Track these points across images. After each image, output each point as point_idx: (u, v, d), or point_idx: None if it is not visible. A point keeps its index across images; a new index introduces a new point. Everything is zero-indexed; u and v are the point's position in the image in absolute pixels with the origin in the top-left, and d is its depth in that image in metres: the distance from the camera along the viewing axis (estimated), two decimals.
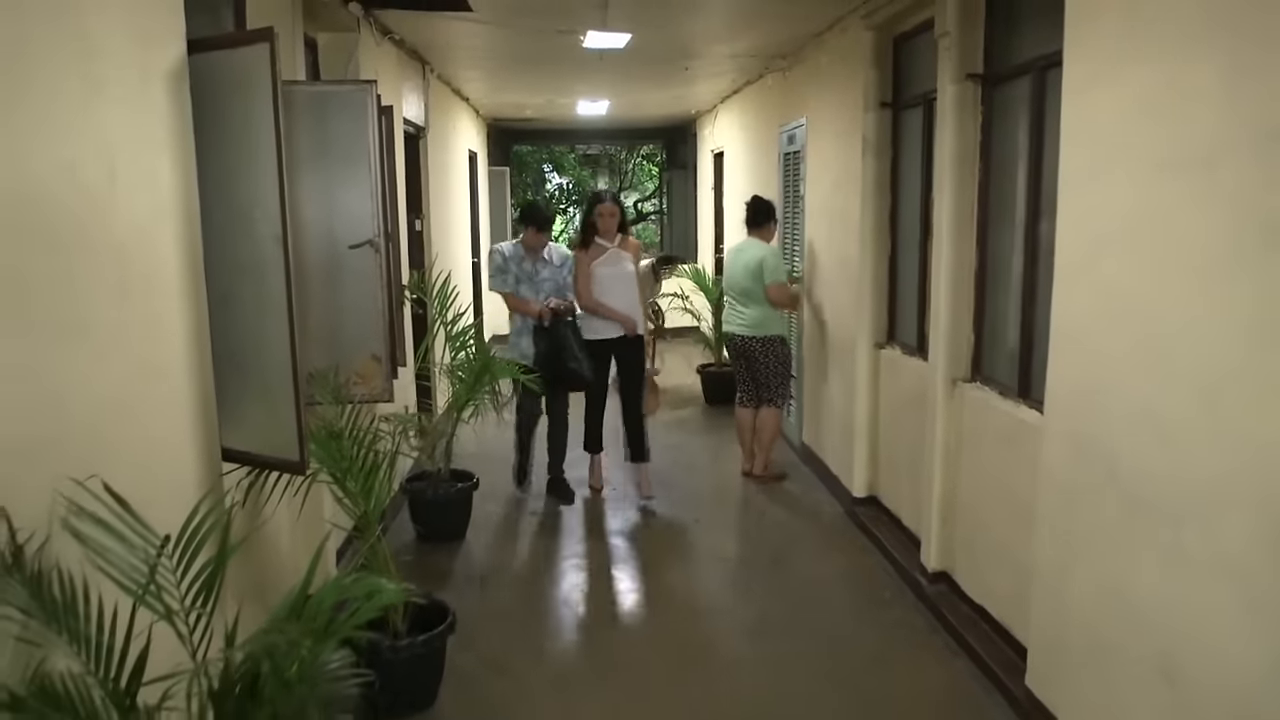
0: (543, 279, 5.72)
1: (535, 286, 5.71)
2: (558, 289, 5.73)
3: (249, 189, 2.82)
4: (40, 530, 1.90)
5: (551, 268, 5.76)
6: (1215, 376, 2.32)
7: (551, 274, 5.75)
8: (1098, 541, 2.87)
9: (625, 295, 5.76)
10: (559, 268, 5.77)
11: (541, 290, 5.70)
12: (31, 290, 1.95)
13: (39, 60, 2.00)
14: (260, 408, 2.95)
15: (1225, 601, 2.31)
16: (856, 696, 3.62)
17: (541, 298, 5.67)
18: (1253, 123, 2.19)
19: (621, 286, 5.75)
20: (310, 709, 1.83)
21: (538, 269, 5.73)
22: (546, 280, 5.72)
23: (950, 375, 4.20)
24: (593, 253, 5.77)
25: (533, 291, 5.69)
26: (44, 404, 1.98)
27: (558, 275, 5.77)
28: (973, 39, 4.02)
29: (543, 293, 5.69)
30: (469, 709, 3.53)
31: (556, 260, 5.79)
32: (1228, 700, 2.30)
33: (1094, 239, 2.88)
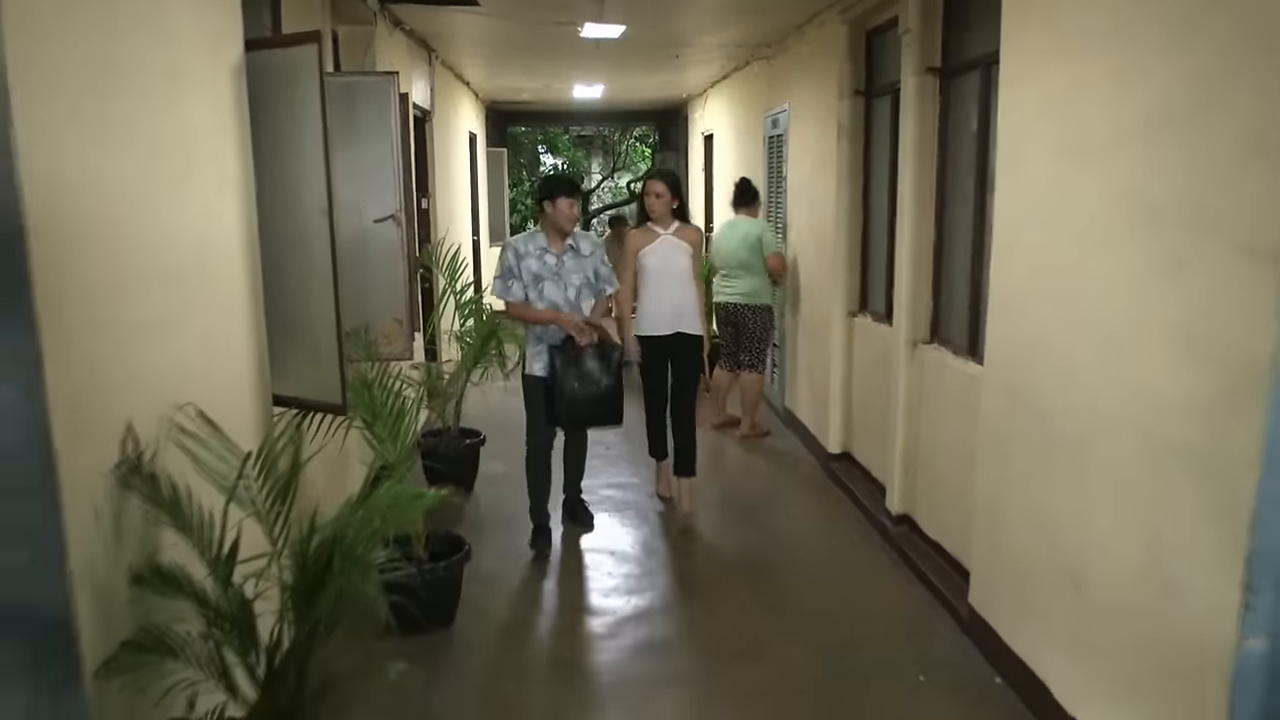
0: (569, 272, 4.60)
1: (561, 282, 4.59)
2: (588, 285, 4.67)
3: (296, 170, 3.27)
4: (151, 445, 2.37)
5: (579, 257, 4.65)
6: (1109, 328, 2.80)
7: (579, 265, 4.64)
8: (1023, 474, 3.36)
9: (674, 292, 5.02)
10: (588, 257, 4.68)
11: (569, 287, 4.59)
12: (136, 248, 2.41)
13: (135, 59, 2.44)
14: (305, 360, 3.41)
15: (1114, 514, 2.79)
16: (826, 619, 4.11)
17: (571, 295, 4.59)
18: (1137, 117, 2.66)
19: (671, 281, 5.01)
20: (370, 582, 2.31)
21: (563, 260, 4.59)
22: (574, 273, 4.61)
23: (911, 338, 4.68)
24: (642, 237, 5.04)
25: (559, 290, 4.58)
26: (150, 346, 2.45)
27: (586, 267, 4.66)
28: (932, 36, 4.48)
29: (571, 289, 4.60)
30: (481, 628, 4.01)
31: (585, 249, 4.69)
32: (1116, 595, 2.79)
33: (1021, 214, 3.36)
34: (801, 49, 6.53)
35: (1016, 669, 3.41)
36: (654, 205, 4.98)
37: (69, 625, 2.04)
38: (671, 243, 5.02)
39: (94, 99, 2.19)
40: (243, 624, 2.35)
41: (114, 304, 2.26)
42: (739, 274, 6.48)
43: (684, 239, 5.04)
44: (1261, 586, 2.23)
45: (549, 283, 4.57)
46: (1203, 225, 2.37)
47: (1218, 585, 2.31)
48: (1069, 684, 3.09)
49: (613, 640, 3.93)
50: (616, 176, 20.95)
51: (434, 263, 5.68)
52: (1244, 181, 2.22)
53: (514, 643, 3.93)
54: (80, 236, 2.10)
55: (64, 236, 2.02)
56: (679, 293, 5.04)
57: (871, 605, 4.25)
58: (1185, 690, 2.47)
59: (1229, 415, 2.28)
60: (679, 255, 5.01)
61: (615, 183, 21.11)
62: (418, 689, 3.48)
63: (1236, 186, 2.25)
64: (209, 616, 2.32)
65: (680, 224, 5.07)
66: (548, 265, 4.57)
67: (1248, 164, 2.20)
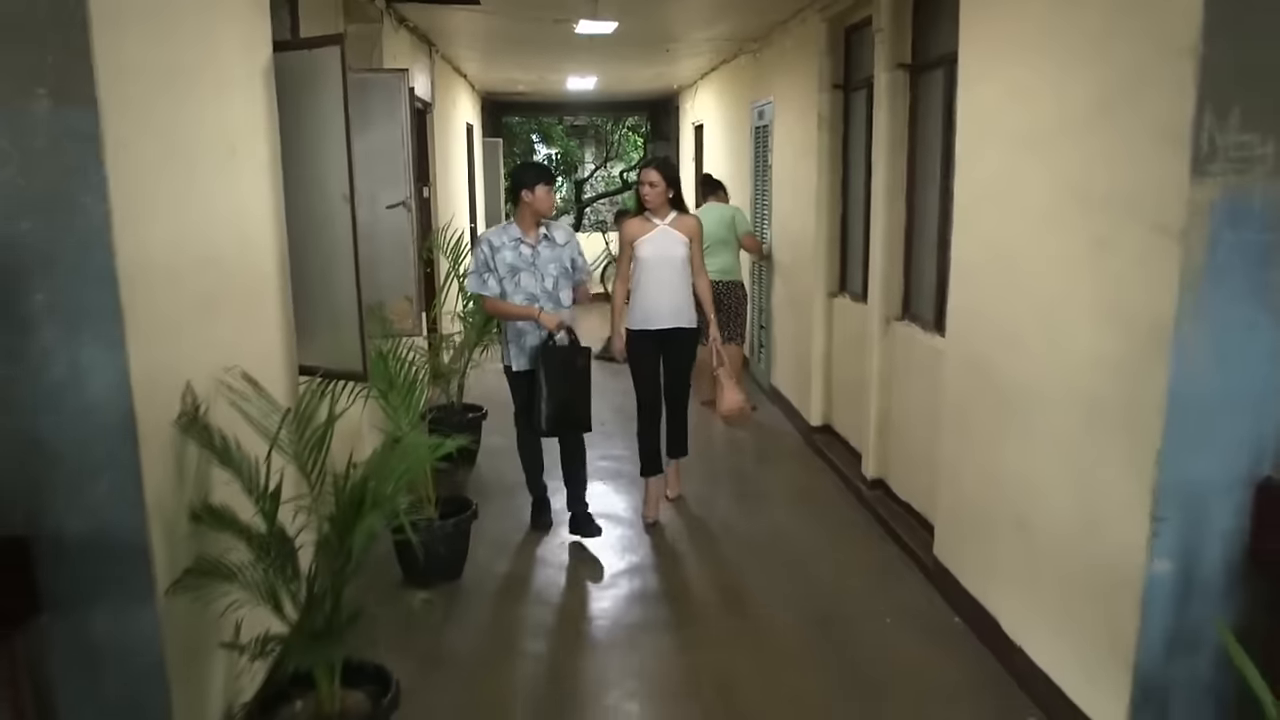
0: (545, 262, 4.54)
1: (537, 273, 4.52)
2: (565, 274, 4.60)
3: (320, 160, 3.60)
4: (205, 401, 2.71)
5: (554, 246, 4.57)
6: (1048, 300, 3.16)
7: (555, 255, 4.56)
8: (979, 434, 3.72)
9: (670, 285, 4.83)
10: (564, 246, 4.60)
11: (546, 277, 4.53)
12: (191, 235, 2.75)
13: (189, 64, 2.78)
14: (328, 332, 3.75)
15: (1053, 464, 3.15)
16: (805, 574, 4.47)
17: (549, 285, 4.54)
18: (1069, 114, 3.01)
19: (666, 273, 4.80)
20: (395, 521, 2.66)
21: (538, 250, 4.52)
22: (550, 263, 4.55)
23: (884, 315, 5.04)
24: (638, 227, 4.85)
25: (535, 280, 4.51)
26: (200, 319, 2.79)
27: (563, 256, 4.59)
28: (902, 34, 4.82)
29: (548, 279, 4.54)
30: (487, 581, 4.36)
31: (560, 238, 4.61)
32: (1052, 536, 3.16)
33: (976, 198, 3.71)
34: (785, 44, 6.87)
35: (972, 609, 3.78)
36: (649, 195, 4.76)
37: (145, 550, 2.41)
38: (668, 233, 4.80)
39: (160, 103, 2.53)
40: (285, 555, 2.70)
41: (173, 284, 2.59)
42: (714, 251, 6.84)
43: (680, 229, 4.82)
44: (1167, 515, 2.60)
45: (525, 273, 4.49)
46: (1123, 208, 2.72)
47: (1132, 518, 2.67)
48: (1015, 618, 3.46)
49: (608, 591, 4.28)
50: (610, 165, 21.24)
51: (439, 247, 6.00)
52: (1155, 171, 2.57)
53: (517, 593, 4.28)
54: (149, 227, 2.44)
55: (139, 231, 2.36)
56: (675, 285, 4.84)
57: (846, 561, 4.61)
58: (1106, 612, 2.83)
59: (1141, 371, 2.64)
60: (675, 246, 4.80)
61: (608, 172, 21.39)
62: (433, 628, 3.84)
63: (1149, 175, 2.60)
64: (256, 549, 2.67)
65: (677, 214, 4.84)
66: (523, 256, 4.49)
67: (1157, 156, 2.56)
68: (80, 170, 2.17)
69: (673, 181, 4.83)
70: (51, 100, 2.14)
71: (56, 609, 2.37)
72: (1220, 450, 2.59)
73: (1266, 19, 2.38)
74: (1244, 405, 2.57)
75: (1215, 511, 2.61)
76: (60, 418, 2.28)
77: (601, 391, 5.26)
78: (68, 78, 2.14)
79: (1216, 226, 2.45)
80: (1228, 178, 2.43)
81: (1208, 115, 2.40)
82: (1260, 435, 2.59)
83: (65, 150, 2.16)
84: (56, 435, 2.29)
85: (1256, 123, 2.42)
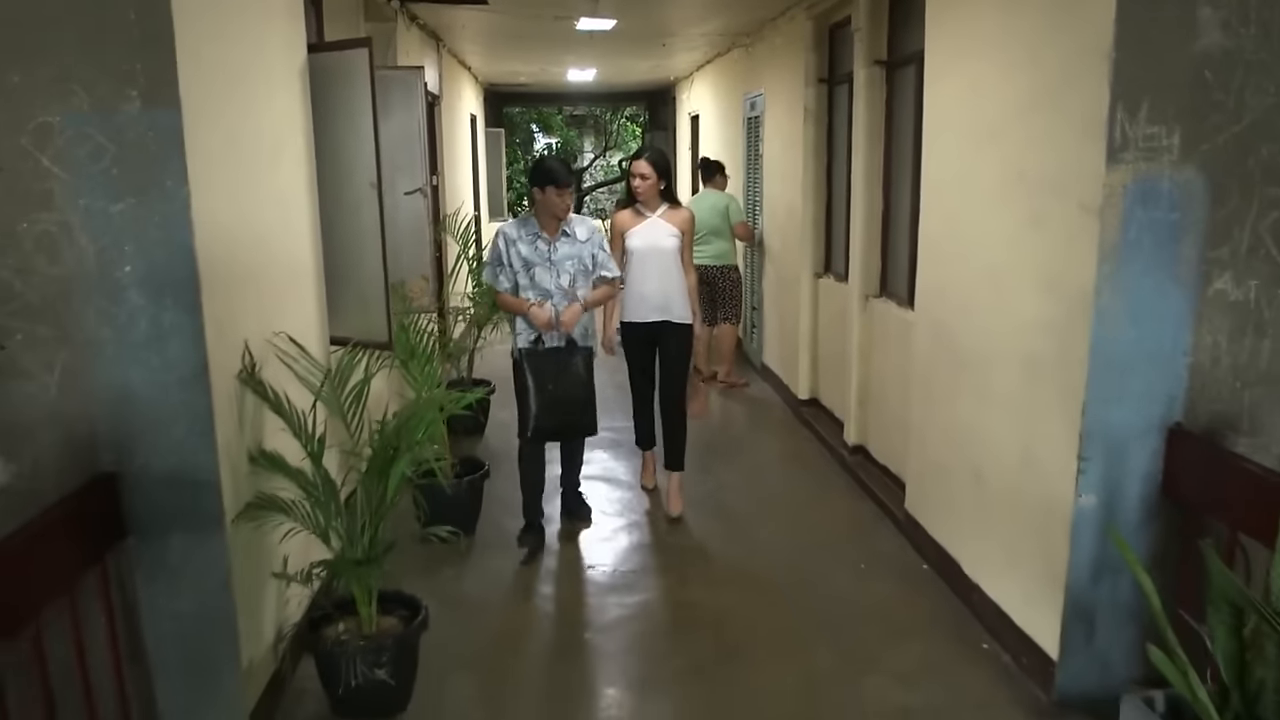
0: (561, 258, 4.37)
1: (553, 269, 4.37)
2: (584, 272, 4.43)
3: (349, 150, 4.00)
4: (260, 360, 3.12)
5: (574, 243, 4.40)
6: (996, 271, 3.57)
7: (574, 251, 4.40)
8: (942, 395, 4.14)
9: (660, 277, 4.76)
10: (584, 243, 4.42)
11: (562, 274, 4.38)
12: (247, 218, 3.15)
13: (242, 67, 3.18)
14: (356, 306, 4.16)
15: (1003, 417, 3.57)
16: (789, 528, 4.90)
17: (564, 282, 4.37)
18: (1016, 106, 3.42)
19: (656, 266, 4.75)
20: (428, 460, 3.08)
21: (555, 245, 4.37)
22: (568, 259, 4.38)
23: (863, 293, 5.46)
24: (629, 219, 4.84)
25: (550, 276, 4.36)
26: (251, 291, 3.21)
27: (583, 253, 4.42)
28: (879, 33, 5.23)
29: (565, 276, 4.38)
30: (497, 535, 4.77)
31: (582, 234, 4.43)
32: (1002, 482, 3.58)
33: (939, 183, 4.12)
34: (775, 40, 7.27)
35: (938, 554, 4.20)
36: (640, 187, 4.74)
37: (215, 485, 2.83)
38: (658, 225, 4.77)
39: (223, 103, 2.93)
40: (330, 494, 3.12)
41: (233, 258, 3.00)
42: (709, 239, 7.25)
43: (672, 222, 4.79)
44: (1091, 456, 3.01)
45: (540, 269, 4.35)
46: (1054, 190, 3.14)
47: (1063, 461, 3.09)
48: (973, 559, 3.88)
49: (609, 544, 4.71)
50: (608, 155, 21.63)
51: (451, 232, 6.40)
52: (1078, 158, 2.98)
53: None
54: (216, 209, 2.85)
55: (209, 212, 2.77)
56: (666, 278, 4.77)
57: (827, 517, 5.04)
58: (1043, 545, 3.25)
59: (1070, 331, 3.05)
60: (666, 238, 4.75)
61: (607, 161, 21.79)
62: (451, 573, 4.27)
63: (1074, 161, 3.01)
64: (305, 488, 3.09)
65: (668, 206, 4.83)
66: (539, 251, 4.37)
67: (1080, 145, 2.96)
68: (164, 160, 2.58)
69: (665, 173, 4.81)
70: (141, 102, 2.54)
71: (140, 534, 2.79)
72: (1136, 401, 3.00)
73: (1169, 30, 2.78)
74: (1156, 362, 2.98)
75: (1133, 453, 3.03)
76: (145, 371, 2.69)
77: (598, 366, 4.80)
78: (155, 83, 2.54)
79: (1130, 206, 2.86)
80: (1138, 164, 2.84)
81: (1120, 111, 2.80)
82: (1170, 388, 3.00)
83: (152, 143, 2.57)
84: (142, 386, 2.69)
85: (1162, 117, 2.82)
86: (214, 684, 2.92)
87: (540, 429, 4.41)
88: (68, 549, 2.54)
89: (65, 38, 2.50)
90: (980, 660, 3.55)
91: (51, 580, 2.44)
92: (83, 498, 2.63)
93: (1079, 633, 3.16)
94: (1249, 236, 2.92)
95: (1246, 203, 2.90)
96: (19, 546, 2.30)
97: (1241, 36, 2.80)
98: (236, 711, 2.95)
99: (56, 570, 2.47)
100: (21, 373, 2.64)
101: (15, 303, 2.60)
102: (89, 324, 2.64)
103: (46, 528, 2.44)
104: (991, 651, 3.59)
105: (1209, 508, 2.92)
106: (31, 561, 2.34)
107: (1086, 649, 3.16)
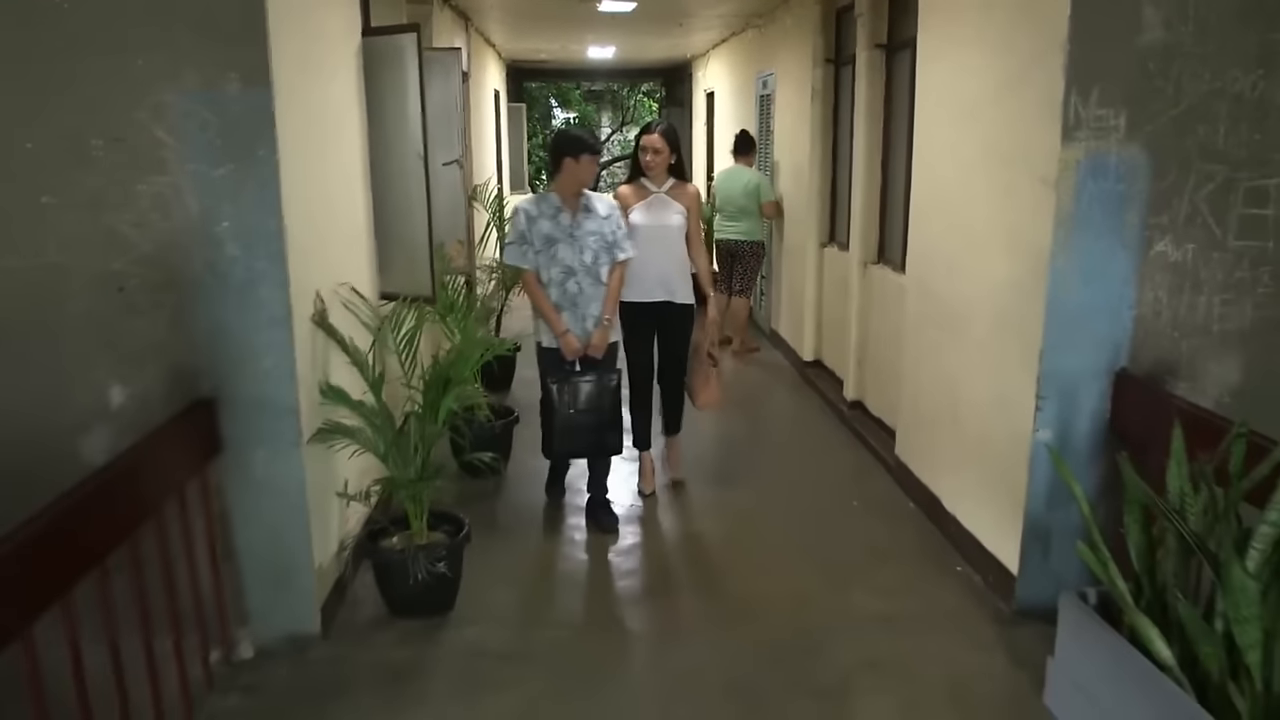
0: (586, 234, 4.29)
1: (576, 245, 4.28)
2: (606, 249, 4.33)
3: (397, 124, 4.47)
4: (329, 305, 3.61)
5: (596, 219, 4.32)
6: (973, 235, 4.02)
7: (596, 227, 4.31)
8: (928, 348, 4.60)
9: (663, 255, 4.58)
10: (606, 219, 4.34)
11: (585, 250, 4.29)
12: (322, 182, 3.64)
13: (317, 54, 3.65)
14: (403, 264, 4.64)
15: (978, 365, 4.04)
16: (790, 473, 5.39)
17: (587, 259, 4.29)
18: (991, 89, 3.86)
19: (660, 243, 4.56)
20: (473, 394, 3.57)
21: (578, 221, 4.28)
22: (591, 235, 4.29)
23: (863, 260, 5.91)
24: (634, 194, 4.65)
25: (573, 253, 4.27)
26: (320, 246, 3.69)
27: (605, 229, 4.32)
28: (880, 18, 5.65)
29: (588, 252, 4.29)
30: (527, 475, 5.27)
31: (602, 210, 4.35)
32: (976, 422, 4.05)
33: (928, 157, 4.56)
34: (786, 21, 7.68)
35: (922, 494, 4.68)
36: (652, 162, 4.57)
37: (295, 411, 3.33)
38: (664, 201, 4.59)
39: (301, 83, 3.41)
40: (387, 422, 3.62)
41: (308, 217, 3.47)
42: (739, 217, 7.70)
43: (679, 199, 4.61)
44: (1048, 395, 3.48)
45: (562, 245, 4.27)
46: (1020, 164, 3.58)
47: (1024, 401, 3.56)
48: (952, 494, 4.36)
49: (628, 482, 5.20)
50: (625, 130, 22.01)
51: (481, 201, 6.88)
52: (1039, 135, 3.42)
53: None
54: (296, 174, 3.33)
55: (292, 176, 3.25)
56: (668, 257, 4.59)
57: (825, 465, 5.52)
58: (1007, 476, 3.72)
59: (1031, 288, 3.51)
60: (671, 215, 4.57)
61: (624, 136, 22.16)
62: (485, 505, 4.79)
63: (1036, 139, 3.45)
64: (366, 417, 3.59)
65: (675, 181, 4.64)
66: (561, 226, 4.27)
67: (1041, 124, 3.40)
68: (259, 132, 3.06)
69: (676, 148, 4.63)
70: (241, 84, 3.02)
71: (233, 451, 3.29)
72: (1087, 348, 3.45)
73: (1117, 25, 3.21)
74: (1105, 314, 3.43)
75: (1083, 394, 3.49)
76: (240, 313, 3.19)
77: None
78: (252, 68, 3.02)
79: (1082, 179, 3.31)
80: (1090, 142, 3.28)
81: (1074, 95, 3.25)
82: (1117, 337, 3.45)
83: (249, 118, 3.05)
84: (236, 325, 3.19)
85: (1111, 101, 3.26)
86: (291, 582, 3.44)
87: (562, 451, 4.44)
88: (174, 461, 3.05)
89: (179, 29, 2.99)
90: (953, 580, 4.04)
91: (163, 487, 2.95)
92: (186, 419, 3.14)
93: (1036, 552, 3.64)
94: (1186, 206, 3.36)
95: (1184, 176, 3.33)
96: (137, 458, 2.79)
97: (1180, 32, 3.23)
98: (309, 607, 3.48)
99: (166, 478, 2.97)
100: (137, 312, 3.15)
101: (133, 252, 3.10)
102: (193, 271, 3.14)
103: (157, 443, 2.94)
104: (964, 573, 4.08)
105: (1149, 440, 3.38)
106: (147, 470, 2.84)
107: (1043, 566, 3.63)
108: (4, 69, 2.96)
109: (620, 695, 3.27)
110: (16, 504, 2.26)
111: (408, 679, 3.31)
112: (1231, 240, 3.39)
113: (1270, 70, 3.27)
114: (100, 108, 3.00)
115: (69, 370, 3.16)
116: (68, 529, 2.36)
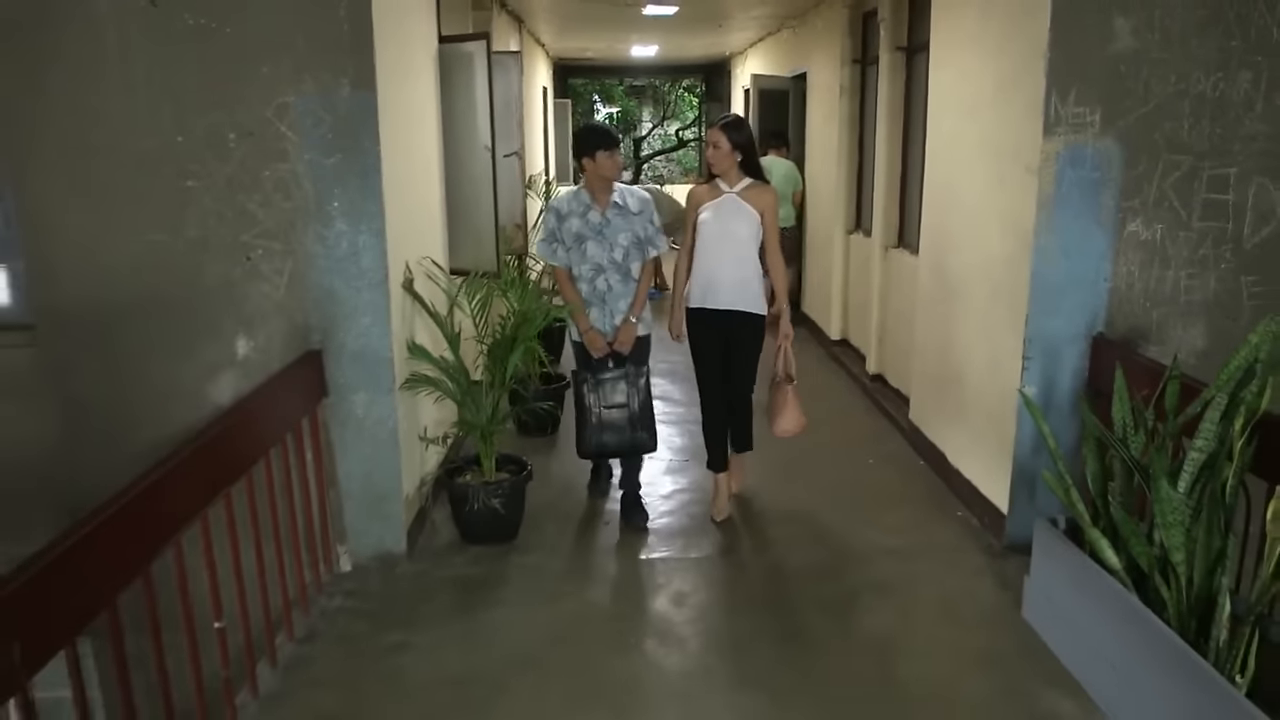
0: (614, 231, 4.27)
1: (605, 242, 4.27)
2: (637, 245, 4.30)
3: (468, 120, 5.09)
4: (415, 275, 4.24)
5: (626, 215, 4.28)
6: (973, 217, 4.56)
7: (626, 224, 4.28)
8: (937, 319, 5.14)
9: (729, 260, 4.28)
10: (637, 215, 4.29)
11: (615, 247, 4.27)
12: (410, 168, 4.26)
13: (408, 60, 4.27)
14: (471, 243, 5.26)
15: (977, 332, 4.57)
16: (814, 435, 5.91)
17: (618, 256, 4.27)
18: (992, 89, 4.39)
19: (729, 248, 4.27)
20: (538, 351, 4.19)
21: (608, 218, 4.26)
22: (621, 232, 4.27)
23: (884, 244, 6.45)
24: (704, 194, 4.36)
25: (603, 250, 4.27)
26: (408, 222, 4.32)
27: (636, 226, 4.29)
28: (900, 22, 6.18)
29: (618, 249, 4.27)
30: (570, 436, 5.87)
31: (634, 206, 4.30)
32: (976, 382, 4.58)
33: (939, 151, 5.10)
34: (818, 23, 8.21)
35: (931, 451, 5.22)
36: (712, 158, 4.28)
37: (390, 361, 3.94)
38: (734, 203, 4.27)
39: (396, 85, 4.03)
40: (464, 374, 4.24)
41: (399, 200, 4.09)
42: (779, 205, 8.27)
43: (752, 202, 4.27)
44: (1033, 355, 4.01)
45: (592, 242, 4.26)
46: (1010, 156, 4.11)
47: (1013, 361, 4.09)
48: (955, 448, 4.90)
49: (663, 445, 5.79)
50: (666, 124, 22.57)
51: (534, 190, 7.49)
52: (1025, 131, 3.95)
53: None
54: (391, 163, 3.95)
55: (388, 165, 3.87)
56: (738, 262, 4.29)
57: (846, 429, 6.08)
58: (998, 428, 4.26)
59: (1019, 263, 4.04)
60: (741, 219, 4.25)
61: (665, 130, 22.73)
62: (540, 460, 5.40)
63: (1023, 133, 3.98)
64: (446, 370, 4.21)
65: (751, 182, 4.31)
66: (590, 224, 4.25)
67: (1027, 121, 3.93)
68: (364, 127, 3.69)
69: (740, 145, 4.26)
70: (350, 87, 3.65)
71: (337, 395, 3.93)
72: (1068, 315, 3.98)
73: (1091, 35, 3.74)
74: (1083, 286, 3.95)
75: (1064, 355, 4.02)
76: (345, 278, 3.82)
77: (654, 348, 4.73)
78: (360, 73, 3.64)
79: (1061, 168, 3.83)
80: (1068, 136, 3.81)
81: (1054, 96, 3.77)
82: (1094, 306, 3.97)
83: (357, 115, 3.68)
84: (342, 288, 3.82)
85: (1086, 101, 3.78)
86: (383, 508, 4.07)
87: (595, 448, 4.43)
88: (289, 402, 3.68)
89: (299, 41, 3.62)
90: (953, 522, 4.58)
91: (280, 424, 3.57)
92: (298, 367, 3.77)
93: (1023, 493, 4.17)
94: (1155, 191, 3.87)
95: (1153, 165, 3.85)
96: (260, 399, 3.42)
97: (1148, 40, 3.75)
98: (398, 531, 4.11)
99: (283, 417, 3.60)
100: (260, 277, 3.79)
101: (258, 228, 3.74)
102: (308, 243, 3.78)
103: (276, 387, 3.57)
104: (964, 517, 4.62)
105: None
106: (267, 409, 3.46)
107: (1029, 506, 4.16)
108: (159, 79, 3.61)
109: (659, 602, 3.86)
110: (158, 441, 2.86)
111: (481, 590, 3.93)
112: (1196, 221, 3.89)
113: (1228, 73, 3.77)
114: (235, 108, 3.65)
115: (201, 326, 3.81)
116: (209, 452, 3.00)
